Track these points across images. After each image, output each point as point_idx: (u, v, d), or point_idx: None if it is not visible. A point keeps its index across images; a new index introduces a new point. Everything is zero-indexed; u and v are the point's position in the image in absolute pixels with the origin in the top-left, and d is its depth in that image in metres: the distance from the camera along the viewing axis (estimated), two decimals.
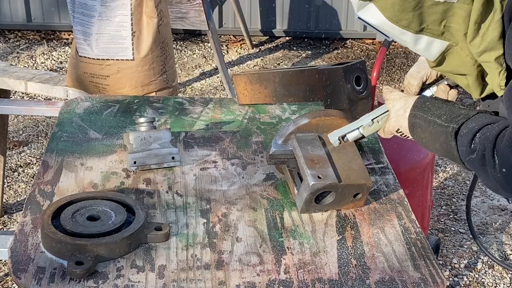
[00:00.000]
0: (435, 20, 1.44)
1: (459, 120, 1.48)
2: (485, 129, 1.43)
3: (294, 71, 2.20)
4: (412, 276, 1.57)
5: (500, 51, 1.40)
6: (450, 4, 1.42)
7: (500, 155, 1.36)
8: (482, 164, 1.40)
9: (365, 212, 1.80)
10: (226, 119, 2.24)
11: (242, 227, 1.71)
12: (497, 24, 1.39)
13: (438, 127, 1.52)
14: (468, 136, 1.44)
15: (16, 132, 4.17)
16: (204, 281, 1.52)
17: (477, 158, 1.41)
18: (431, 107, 1.56)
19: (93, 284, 1.49)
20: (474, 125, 1.45)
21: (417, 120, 1.58)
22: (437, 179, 3.86)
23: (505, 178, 1.37)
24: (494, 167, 1.37)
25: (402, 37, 1.47)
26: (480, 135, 1.42)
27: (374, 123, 1.72)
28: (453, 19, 1.43)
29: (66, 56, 5.09)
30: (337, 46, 5.47)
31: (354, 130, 1.75)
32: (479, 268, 3.21)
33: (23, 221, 1.68)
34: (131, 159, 1.91)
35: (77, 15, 2.75)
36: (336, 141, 1.77)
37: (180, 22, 4.24)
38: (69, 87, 2.91)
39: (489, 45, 1.40)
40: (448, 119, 1.51)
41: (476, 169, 1.44)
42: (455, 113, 1.51)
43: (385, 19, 1.45)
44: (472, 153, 1.42)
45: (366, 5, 1.45)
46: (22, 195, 3.61)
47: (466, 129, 1.46)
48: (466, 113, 1.49)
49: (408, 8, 1.42)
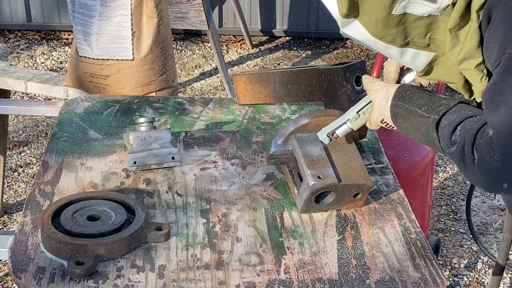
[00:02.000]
0: (420, 34, 1.45)
1: (440, 111, 1.49)
2: (466, 121, 1.44)
3: (294, 71, 2.20)
4: (412, 276, 1.57)
5: (479, 58, 1.42)
6: (434, 18, 1.43)
7: (479, 151, 1.37)
8: (462, 157, 1.41)
9: (365, 212, 1.80)
10: (226, 119, 2.24)
11: (242, 227, 1.71)
12: (475, 33, 1.40)
13: (419, 118, 1.53)
14: (449, 128, 1.45)
15: (16, 132, 4.17)
16: (204, 281, 1.52)
17: (457, 151, 1.42)
18: (412, 97, 1.57)
19: (93, 284, 1.49)
20: (455, 117, 1.46)
21: (398, 110, 1.59)
22: (437, 179, 3.86)
23: (482, 175, 1.38)
24: (473, 163, 1.39)
25: (388, 51, 1.48)
26: (461, 127, 1.43)
27: (360, 116, 1.73)
28: (438, 32, 1.44)
29: (66, 56, 5.09)
30: (337, 46, 5.47)
31: (342, 125, 1.76)
32: (479, 268, 3.21)
33: (23, 221, 1.68)
34: (131, 159, 1.91)
35: (77, 15, 2.75)
36: (326, 139, 1.77)
37: (180, 22, 4.24)
38: (69, 87, 2.91)
39: (467, 53, 1.42)
40: (429, 109, 1.51)
41: (456, 161, 1.45)
42: (436, 103, 1.52)
43: (369, 35, 1.45)
44: (452, 146, 1.43)
45: (351, 22, 1.45)
46: (22, 195, 3.61)
47: (447, 120, 1.47)
48: (447, 103, 1.50)
49: (391, 24, 1.42)
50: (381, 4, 1.40)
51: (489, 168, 1.37)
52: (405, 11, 1.41)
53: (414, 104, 1.55)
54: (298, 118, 1.85)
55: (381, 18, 1.42)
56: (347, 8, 1.41)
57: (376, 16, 1.41)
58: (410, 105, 1.56)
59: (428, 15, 1.42)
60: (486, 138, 1.36)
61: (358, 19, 1.44)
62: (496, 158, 1.34)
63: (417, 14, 1.42)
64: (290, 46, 5.48)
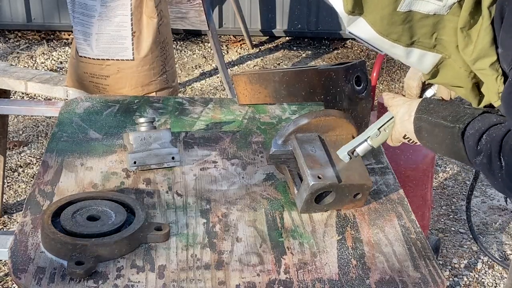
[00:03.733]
0: (426, 33, 1.43)
1: (465, 120, 1.46)
2: (491, 129, 1.40)
3: (294, 71, 2.19)
4: (412, 276, 1.57)
5: (493, 57, 1.38)
6: (440, 17, 1.40)
7: (506, 157, 1.34)
8: (489, 166, 1.38)
9: (365, 212, 1.80)
10: (226, 119, 2.24)
11: (242, 227, 1.71)
12: (487, 30, 1.37)
13: (444, 129, 1.50)
14: (474, 137, 1.42)
15: (16, 132, 4.17)
16: (204, 281, 1.52)
17: (484, 160, 1.39)
18: (436, 109, 1.54)
19: (93, 284, 1.49)
20: (480, 125, 1.43)
21: (422, 123, 1.55)
22: (437, 179, 3.86)
23: (511, 180, 1.34)
24: (501, 170, 1.35)
25: (394, 50, 1.46)
26: (487, 136, 1.40)
27: (381, 132, 1.69)
28: (444, 32, 1.42)
29: (66, 56, 5.09)
30: (337, 46, 5.47)
31: (362, 142, 1.71)
32: (479, 268, 3.21)
33: (23, 221, 1.68)
34: (131, 159, 1.91)
35: (77, 15, 2.75)
36: (346, 157, 1.72)
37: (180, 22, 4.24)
38: (69, 87, 2.91)
39: (481, 52, 1.39)
40: (454, 119, 1.49)
41: (483, 170, 1.41)
42: (460, 113, 1.49)
43: (375, 33, 1.44)
44: (479, 155, 1.40)
45: (356, 19, 1.44)
46: (22, 195, 3.61)
47: (473, 129, 1.44)
48: (472, 113, 1.47)
49: (397, 21, 1.41)
50: (385, 0, 1.39)
51: None
52: (411, 9, 1.39)
53: (438, 116, 1.52)
54: (298, 118, 1.85)
55: (386, 15, 1.40)
56: (352, 4, 1.40)
57: (381, 12, 1.40)
58: (434, 117, 1.53)
59: (434, 13, 1.40)
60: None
61: (363, 17, 1.43)
62: None
63: (422, 12, 1.40)
64: (290, 46, 5.48)
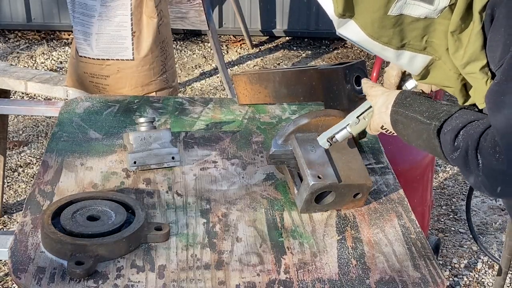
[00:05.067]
0: (417, 36, 1.43)
1: (441, 117, 1.47)
2: (469, 126, 1.41)
3: (294, 71, 2.19)
4: (412, 276, 1.57)
5: (484, 61, 1.38)
6: (431, 20, 1.40)
7: (483, 155, 1.34)
8: (465, 163, 1.38)
9: (365, 212, 1.80)
10: (226, 119, 2.24)
11: (242, 227, 1.71)
12: (478, 35, 1.37)
13: (420, 124, 1.51)
14: (451, 134, 1.43)
15: (16, 132, 4.17)
16: (204, 281, 1.52)
17: (460, 157, 1.39)
18: (413, 103, 1.55)
19: (93, 284, 1.49)
20: (458, 122, 1.44)
21: (398, 116, 1.57)
22: (437, 179, 3.86)
23: (487, 179, 1.35)
24: (477, 167, 1.35)
25: (384, 53, 1.46)
26: (464, 132, 1.41)
27: (360, 120, 1.71)
28: (435, 35, 1.42)
29: (66, 56, 5.09)
30: (337, 46, 5.46)
31: (341, 129, 1.74)
32: (479, 268, 3.21)
33: (23, 221, 1.68)
34: (131, 159, 1.91)
35: (77, 15, 2.75)
36: (326, 143, 1.76)
37: (180, 22, 4.24)
38: (69, 87, 2.91)
39: (472, 56, 1.39)
40: (430, 116, 1.50)
41: (459, 167, 1.42)
42: (437, 110, 1.50)
43: (365, 36, 1.43)
44: (456, 151, 1.41)
45: (346, 22, 1.43)
46: (22, 195, 3.61)
47: (450, 126, 1.44)
48: (449, 110, 1.48)
49: (388, 25, 1.40)
50: (376, 4, 1.38)
51: (495, 172, 1.33)
52: (401, 12, 1.39)
53: (415, 111, 1.53)
54: (298, 118, 1.85)
55: (377, 19, 1.40)
56: (343, 7, 1.39)
57: (372, 16, 1.40)
58: (410, 111, 1.54)
59: (424, 17, 1.40)
60: (490, 141, 1.33)
61: (354, 19, 1.42)
62: (502, 160, 1.30)
63: (413, 15, 1.40)
64: (290, 46, 5.48)
